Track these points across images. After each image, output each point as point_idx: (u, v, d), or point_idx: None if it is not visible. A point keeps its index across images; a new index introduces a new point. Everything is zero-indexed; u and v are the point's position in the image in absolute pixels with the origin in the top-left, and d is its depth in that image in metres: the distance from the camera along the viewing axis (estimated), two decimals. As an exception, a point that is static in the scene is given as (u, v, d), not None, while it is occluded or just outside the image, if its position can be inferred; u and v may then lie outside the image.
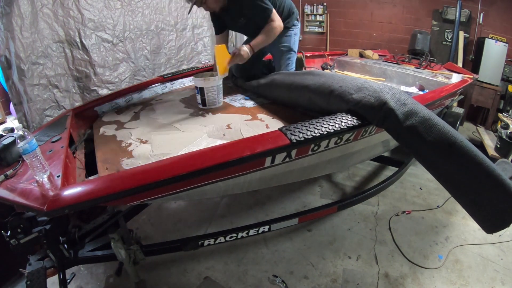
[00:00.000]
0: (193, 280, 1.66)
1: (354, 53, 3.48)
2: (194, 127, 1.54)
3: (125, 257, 1.35)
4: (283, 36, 1.99)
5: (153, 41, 2.74)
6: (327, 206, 1.78)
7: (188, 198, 1.83)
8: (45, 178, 1.02)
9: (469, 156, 1.13)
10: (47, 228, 1.16)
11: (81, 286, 1.65)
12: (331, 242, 1.89)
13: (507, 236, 1.89)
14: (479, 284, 1.60)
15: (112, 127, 1.62)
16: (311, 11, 4.59)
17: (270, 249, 1.84)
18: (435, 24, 3.87)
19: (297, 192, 2.37)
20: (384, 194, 2.27)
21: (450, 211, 2.13)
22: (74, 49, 2.15)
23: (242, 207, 2.23)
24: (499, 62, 3.40)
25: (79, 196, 0.93)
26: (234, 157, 1.05)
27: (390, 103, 1.21)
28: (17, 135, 0.98)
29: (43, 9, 1.94)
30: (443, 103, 2.29)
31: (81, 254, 1.41)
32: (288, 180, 1.50)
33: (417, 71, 2.80)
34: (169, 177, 0.98)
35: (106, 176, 1.04)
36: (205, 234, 1.58)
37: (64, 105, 2.13)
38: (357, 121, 1.26)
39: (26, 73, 1.87)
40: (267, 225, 1.58)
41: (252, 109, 1.75)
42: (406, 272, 1.67)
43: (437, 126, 1.16)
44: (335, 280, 1.64)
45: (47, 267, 1.29)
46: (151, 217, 2.16)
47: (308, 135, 1.14)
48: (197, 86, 1.74)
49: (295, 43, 2.07)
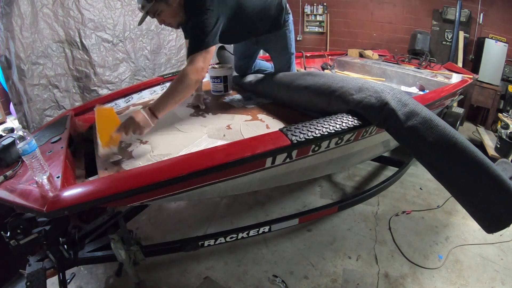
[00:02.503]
0: (193, 280, 1.66)
1: (354, 53, 3.48)
2: (194, 128, 1.53)
3: (125, 257, 1.35)
4: (278, 38, 1.80)
5: (153, 41, 2.73)
6: (327, 206, 1.79)
7: (188, 198, 1.83)
8: (45, 179, 1.02)
9: (470, 156, 1.13)
10: (46, 229, 1.16)
11: (81, 287, 1.65)
12: (331, 242, 1.88)
13: (507, 236, 1.89)
14: (479, 284, 1.60)
15: (112, 127, 1.62)
16: (311, 11, 4.58)
17: (270, 249, 1.84)
18: (435, 24, 3.87)
19: (297, 192, 2.36)
20: (384, 194, 2.27)
21: (450, 211, 2.13)
22: (74, 49, 2.15)
23: (242, 207, 2.23)
24: (499, 62, 3.40)
25: (79, 197, 0.93)
26: (235, 157, 1.04)
27: (391, 103, 1.21)
28: (16, 135, 0.98)
29: (43, 9, 1.94)
30: (443, 103, 2.29)
31: (81, 255, 1.41)
32: (289, 180, 1.50)
33: (417, 71, 2.79)
34: (169, 178, 0.98)
35: (106, 177, 1.03)
36: (205, 235, 1.58)
37: (64, 105, 2.13)
38: (358, 121, 1.26)
39: (26, 73, 1.87)
40: (267, 226, 1.59)
41: (253, 110, 1.74)
42: (406, 272, 1.67)
43: (437, 127, 1.16)
44: (335, 280, 1.64)
45: (47, 267, 1.29)
46: (151, 217, 2.16)
47: (309, 135, 1.13)
48: (220, 75, 1.94)
49: (291, 42, 1.86)
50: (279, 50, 1.90)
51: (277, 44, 1.85)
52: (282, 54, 1.90)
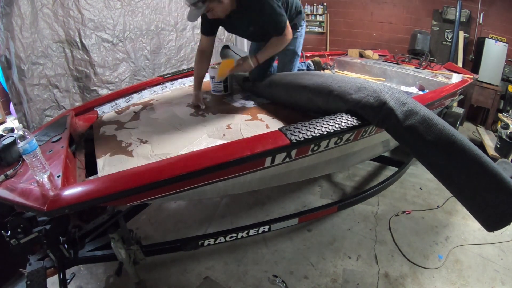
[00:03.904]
0: (193, 280, 1.66)
1: (354, 53, 3.48)
2: (194, 127, 1.53)
3: (125, 257, 1.35)
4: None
5: (153, 41, 2.73)
6: (327, 206, 1.78)
7: (188, 198, 1.83)
8: (45, 178, 1.02)
9: (469, 154, 1.13)
10: (47, 228, 1.16)
11: (81, 286, 1.65)
12: (331, 242, 1.89)
13: (507, 236, 1.89)
14: (479, 284, 1.60)
15: (112, 127, 1.62)
16: (311, 11, 4.59)
17: (270, 249, 1.84)
18: (435, 24, 3.87)
19: (297, 192, 2.37)
20: (384, 194, 2.27)
21: (450, 211, 2.13)
22: (74, 49, 2.15)
23: (242, 207, 2.23)
24: (499, 62, 3.40)
25: (79, 196, 0.93)
26: (234, 157, 1.05)
27: (390, 103, 1.21)
28: (17, 135, 0.98)
29: (43, 9, 1.94)
30: (443, 103, 2.29)
31: (81, 254, 1.41)
32: (288, 180, 1.50)
33: (417, 71, 2.79)
34: (169, 177, 0.98)
35: (106, 176, 1.04)
36: (205, 234, 1.58)
37: (64, 105, 2.13)
38: (357, 121, 1.26)
39: (26, 73, 1.87)
40: (267, 225, 1.59)
41: (252, 109, 1.75)
42: (406, 272, 1.67)
43: (436, 126, 1.16)
44: (335, 280, 1.64)
45: (47, 267, 1.29)
46: (151, 217, 2.16)
47: (308, 135, 1.14)
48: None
49: (299, 45, 2.00)
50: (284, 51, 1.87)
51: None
52: (287, 53, 1.95)
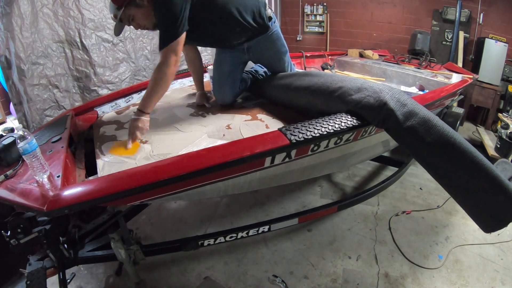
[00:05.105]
0: (193, 280, 1.66)
1: (354, 53, 3.48)
2: (194, 127, 1.53)
3: (125, 257, 1.35)
4: (269, 42, 1.69)
5: (154, 41, 2.73)
6: (327, 206, 1.78)
7: (188, 198, 1.84)
8: (45, 178, 1.02)
9: (468, 156, 1.13)
10: (47, 228, 1.16)
11: (81, 286, 1.65)
12: (331, 242, 1.89)
13: (507, 236, 1.90)
14: (479, 284, 1.60)
15: (112, 127, 1.62)
16: (311, 11, 4.59)
17: (270, 249, 1.84)
18: (435, 24, 3.87)
19: (297, 192, 2.37)
20: (384, 194, 2.27)
21: (450, 211, 2.13)
22: (74, 49, 2.15)
23: (242, 207, 2.23)
24: (499, 62, 3.40)
25: (79, 196, 0.93)
26: (234, 157, 1.05)
27: (390, 103, 1.21)
28: (17, 135, 0.98)
29: (43, 9, 1.94)
30: (443, 103, 2.29)
31: (81, 254, 1.41)
32: (288, 180, 1.50)
33: (417, 71, 2.79)
34: (169, 177, 0.98)
35: (106, 176, 1.04)
36: (205, 234, 1.58)
37: (64, 105, 2.13)
38: (357, 121, 1.26)
39: (26, 73, 1.87)
40: (267, 225, 1.59)
41: (252, 109, 1.75)
42: (406, 272, 1.67)
43: (436, 127, 1.16)
44: (335, 280, 1.64)
45: (47, 267, 1.29)
46: (151, 217, 2.16)
47: (308, 135, 1.13)
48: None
49: (282, 44, 1.76)
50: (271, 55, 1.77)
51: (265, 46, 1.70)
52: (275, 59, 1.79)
